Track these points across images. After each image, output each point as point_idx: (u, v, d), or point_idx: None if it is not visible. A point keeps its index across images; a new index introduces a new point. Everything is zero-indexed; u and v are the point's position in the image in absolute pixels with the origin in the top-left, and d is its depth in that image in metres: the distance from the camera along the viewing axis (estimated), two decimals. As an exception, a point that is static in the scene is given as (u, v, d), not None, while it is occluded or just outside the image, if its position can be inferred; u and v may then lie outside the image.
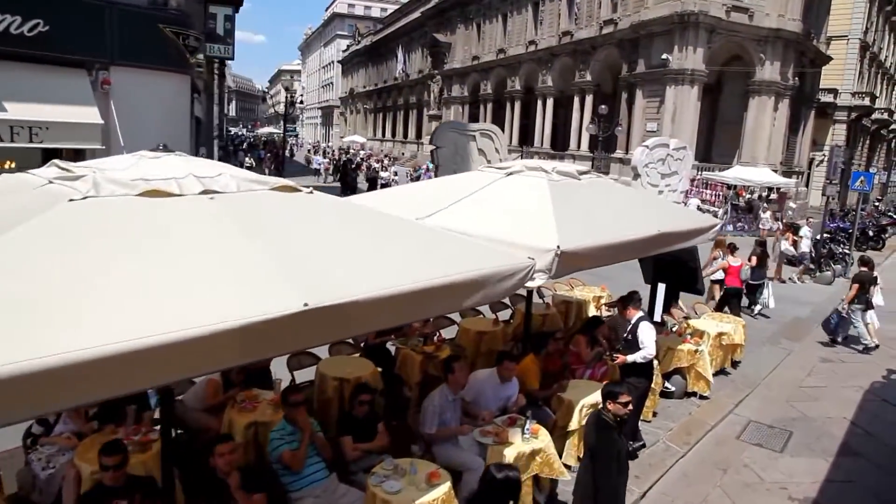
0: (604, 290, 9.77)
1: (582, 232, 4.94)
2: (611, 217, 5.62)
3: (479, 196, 5.72)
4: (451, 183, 6.50)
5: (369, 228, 3.77)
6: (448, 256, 3.76)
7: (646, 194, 7.21)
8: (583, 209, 5.48)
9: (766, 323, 11.03)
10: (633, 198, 6.58)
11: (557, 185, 5.79)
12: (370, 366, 6.36)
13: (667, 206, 6.91)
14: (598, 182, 6.45)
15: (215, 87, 24.73)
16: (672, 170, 17.00)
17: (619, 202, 6.12)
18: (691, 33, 23.76)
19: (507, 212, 5.33)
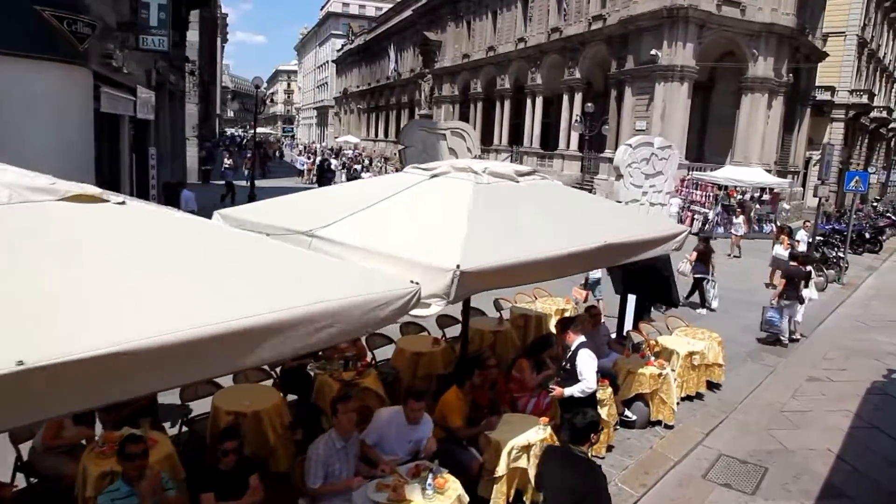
0: (568, 303, 8.92)
1: (499, 246, 4.10)
2: (545, 226, 4.76)
3: (391, 202, 4.88)
4: (368, 187, 5.67)
5: (186, 250, 2.90)
6: (290, 285, 2.92)
7: (600, 199, 6.30)
8: (509, 218, 4.63)
9: (750, 336, 10.15)
10: (581, 203, 5.71)
11: (485, 188, 4.96)
12: (275, 396, 5.52)
13: (624, 212, 6.05)
14: (540, 185, 5.59)
15: (189, 85, 23.90)
16: (657, 170, 16.03)
17: (561, 209, 5.26)
18: (681, 28, 22.89)
19: (415, 222, 4.49)
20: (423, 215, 4.59)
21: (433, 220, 4.49)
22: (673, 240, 5.81)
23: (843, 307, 12.89)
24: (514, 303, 8.91)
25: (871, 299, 13.89)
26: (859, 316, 12.19)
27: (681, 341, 7.41)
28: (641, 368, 6.31)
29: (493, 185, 5.12)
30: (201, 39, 37.32)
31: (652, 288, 8.58)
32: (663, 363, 6.39)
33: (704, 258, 11.37)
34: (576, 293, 9.80)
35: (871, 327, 11.32)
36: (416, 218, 4.55)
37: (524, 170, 5.70)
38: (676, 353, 7.05)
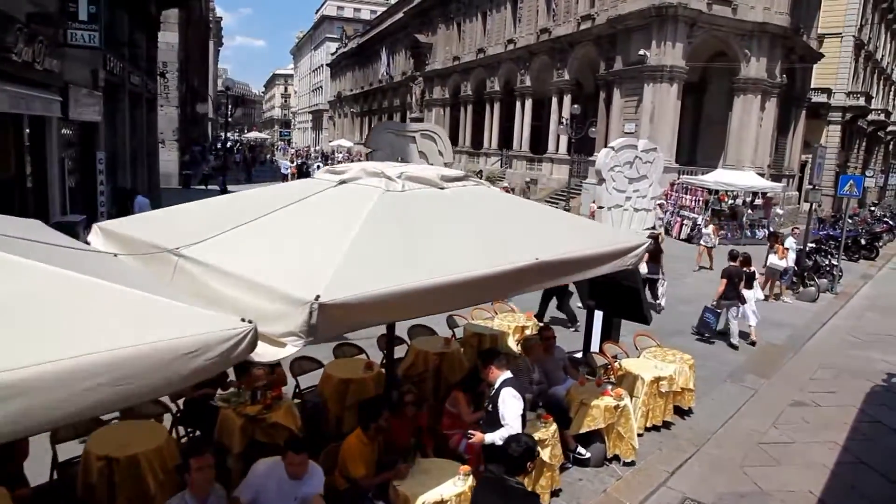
0: (530, 319, 8.15)
1: (388, 270, 3.34)
2: (463, 242, 4.00)
3: (280, 214, 4.13)
4: (267, 195, 4.89)
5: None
6: (47, 331, 2.17)
7: (543, 209, 5.50)
8: (415, 233, 3.88)
9: (733, 354, 9.37)
10: (517, 214, 4.94)
11: (394, 197, 4.23)
12: (160, 435, 4.74)
13: (570, 223, 5.26)
14: (470, 193, 4.83)
15: (160, 87, 23.18)
16: (641, 173, 15.28)
17: (490, 220, 4.50)
18: (670, 27, 22.17)
19: (295, 239, 3.75)
20: (307, 231, 3.84)
21: (316, 236, 3.75)
22: (629, 254, 5.05)
23: (836, 319, 12.11)
24: (472, 319, 8.15)
25: (865, 310, 13.10)
26: (852, 329, 11.41)
27: (648, 365, 6.63)
28: (596, 399, 5.53)
29: (408, 193, 4.38)
30: (185, 41, 36.65)
31: (620, 303, 7.83)
32: (621, 393, 5.61)
33: (655, 258, 11.11)
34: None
35: (864, 342, 10.54)
36: (297, 234, 3.80)
37: (453, 174, 4.95)
38: (641, 379, 6.28)
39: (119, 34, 14.19)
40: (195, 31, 47.16)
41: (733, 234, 20.81)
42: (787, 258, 13.05)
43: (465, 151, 40.13)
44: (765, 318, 11.44)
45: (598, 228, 5.35)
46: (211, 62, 79.10)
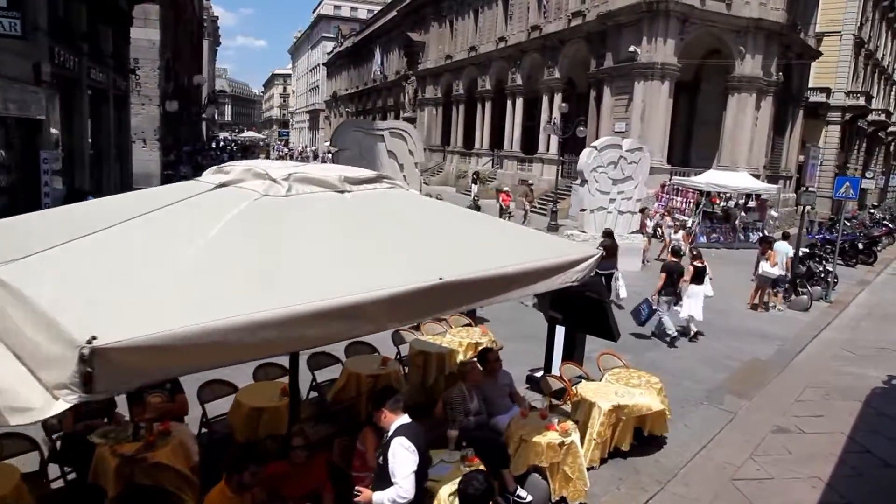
0: (485, 334, 7.41)
1: (214, 299, 2.60)
2: (346, 260, 3.27)
3: (137, 222, 3.40)
4: (134, 200, 4.16)
5: None
6: None
7: (471, 218, 4.70)
8: (280, 250, 3.15)
9: (712, 372, 8.61)
10: (434, 223, 4.18)
11: (269, 204, 3.50)
12: (12, 477, 4.00)
13: (504, 233, 4.49)
14: (379, 198, 4.10)
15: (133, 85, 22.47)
16: (626, 174, 14.60)
17: (395, 231, 3.77)
18: (661, 23, 21.42)
19: (127, 257, 3.02)
20: (147, 246, 3.11)
21: (153, 254, 3.01)
22: (572, 268, 4.29)
23: (829, 330, 11.33)
24: (423, 334, 7.41)
25: (861, 320, 12.33)
26: (846, 342, 10.63)
27: (608, 390, 5.88)
28: (538, 435, 4.79)
29: (293, 199, 3.66)
30: (172, 39, 36.00)
31: (584, 316, 7.08)
32: (567, 428, 4.86)
33: (611, 253, 11.02)
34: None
35: (858, 357, 9.77)
36: (134, 250, 3.08)
37: (361, 175, 4.20)
38: (598, 408, 5.52)
39: (75, 26, 13.49)
40: (186, 29, 46.51)
41: (726, 237, 20.06)
42: (779, 265, 12.31)
43: (456, 151, 39.42)
44: (752, 331, 10.75)
45: (539, 239, 4.60)
46: (206, 61, 78.45)
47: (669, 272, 9.40)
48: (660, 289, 9.39)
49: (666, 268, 9.51)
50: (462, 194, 33.14)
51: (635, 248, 15.11)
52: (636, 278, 14.22)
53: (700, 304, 9.62)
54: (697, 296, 9.62)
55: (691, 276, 9.68)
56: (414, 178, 12.94)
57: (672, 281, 9.37)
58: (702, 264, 9.83)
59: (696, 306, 9.59)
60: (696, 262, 9.85)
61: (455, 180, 36.61)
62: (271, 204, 3.58)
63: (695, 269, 9.68)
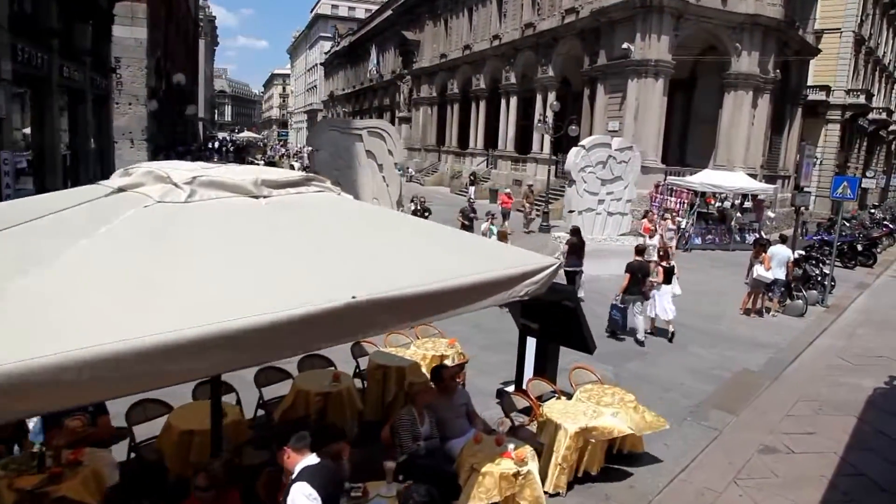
0: (452, 345, 6.93)
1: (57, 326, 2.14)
2: (245, 276, 2.80)
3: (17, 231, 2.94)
4: (28, 204, 3.70)
5: None
6: None
7: (408, 224, 4.20)
8: (158, 266, 2.68)
9: (700, 383, 8.12)
10: (362, 232, 3.69)
11: (162, 212, 3.06)
12: None
13: (445, 243, 3.99)
14: (302, 203, 3.64)
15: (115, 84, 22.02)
16: (615, 174, 14.09)
17: (314, 242, 3.30)
18: (655, 20, 20.91)
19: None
20: (10, 261, 2.64)
21: (13, 270, 2.54)
22: (523, 282, 3.81)
23: (825, 337, 10.83)
24: (386, 345, 6.95)
25: (858, 326, 11.82)
26: (842, 350, 10.14)
27: (577, 410, 5.39)
28: (492, 464, 4.31)
29: (192, 206, 3.19)
30: (164, 38, 35.58)
31: (557, 326, 6.61)
32: (524, 456, 4.38)
33: (577, 250, 11.13)
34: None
35: (854, 367, 9.27)
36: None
37: (283, 178, 3.73)
38: (564, 430, 5.05)
39: (43, 23, 13.03)
40: (180, 28, 46.09)
41: (721, 238, 19.54)
42: (777, 269, 11.78)
43: (451, 151, 38.94)
44: (744, 339, 10.26)
45: (489, 249, 4.12)
46: (202, 61, 78.07)
47: (633, 272, 9.24)
48: (624, 289, 9.24)
49: (630, 267, 9.32)
50: (457, 195, 32.67)
51: (626, 252, 14.61)
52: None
53: (669, 302, 9.48)
54: (665, 295, 9.47)
55: (662, 277, 9.52)
56: (394, 178, 12.46)
57: (637, 280, 9.21)
58: (669, 265, 9.70)
59: (666, 305, 9.44)
60: (664, 263, 9.70)
61: (449, 180, 36.14)
62: (163, 211, 3.12)
63: (663, 270, 9.53)
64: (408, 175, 40.87)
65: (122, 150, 27.37)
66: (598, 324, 9.77)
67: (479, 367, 8.07)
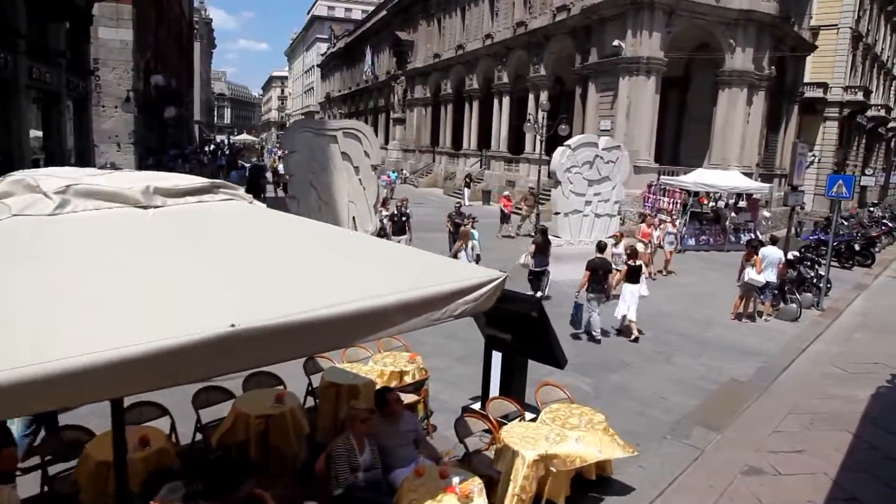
0: (414, 360, 6.47)
1: None
2: (86, 306, 2.35)
3: None
4: None
5: None
6: None
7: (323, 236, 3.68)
8: None
9: (684, 395, 7.64)
10: (264, 247, 3.22)
11: (14, 229, 2.65)
12: None
13: (358, 257, 3.48)
14: (200, 214, 3.18)
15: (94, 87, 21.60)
16: (602, 175, 13.63)
17: (195, 261, 2.84)
18: (646, 16, 20.45)
19: None
20: None
21: None
22: (460, 299, 3.34)
23: (819, 343, 10.35)
24: (343, 360, 6.49)
25: (854, 330, 11.34)
26: (837, 357, 9.66)
27: (539, 434, 4.93)
28: (432, 501, 3.84)
29: (60, 219, 2.74)
30: (153, 40, 35.21)
31: (524, 339, 6.14)
32: (469, 492, 3.91)
33: (543, 250, 11.22)
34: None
35: (849, 375, 8.79)
36: None
37: (181, 187, 3.26)
38: (522, 458, 4.58)
39: (9, 23, 12.62)
40: (172, 30, 45.71)
41: (715, 239, 19.09)
42: (768, 272, 11.34)
43: (445, 152, 38.51)
44: (733, 346, 9.78)
45: (421, 264, 3.64)
46: (197, 64, 77.69)
47: (594, 269, 9.08)
48: (584, 286, 9.10)
49: (590, 265, 9.17)
50: (450, 196, 32.22)
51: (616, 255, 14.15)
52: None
53: (634, 303, 9.37)
54: (632, 295, 9.35)
55: (626, 275, 9.44)
56: (370, 181, 12.01)
57: (598, 278, 9.05)
58: (636, 263, 9.55)
59: (631, 306, 9.36)
60: (631, 262, 9.56)
61: (443, 182, 35.71)
62: (22, 226, 2.66)
63: (629, 268, 9.43)
64: (402, 177, 40.46)
65: (109, 153, 27.00)
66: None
67: (450, 381, 7.64)
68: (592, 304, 9.13)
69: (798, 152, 11.73)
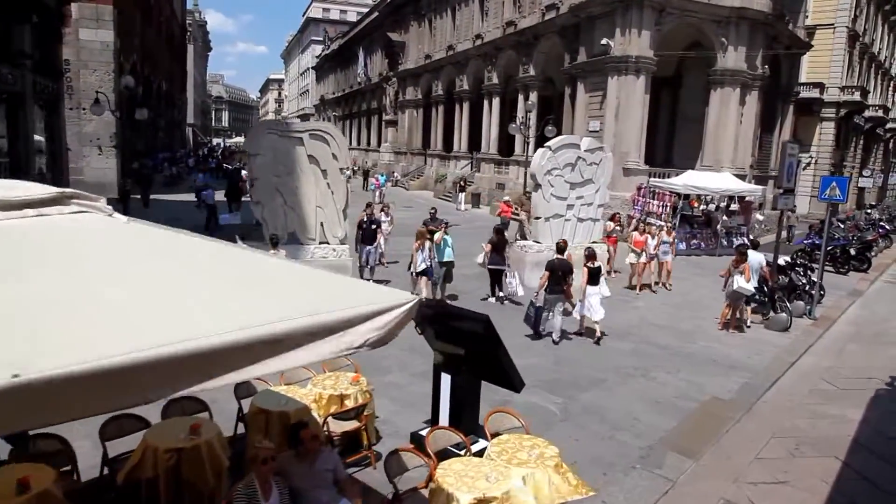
0: (357, 381, 5.88)
1: None
2: None
3: None
4: None
5: None
6: None
7: (188, 256, 3.06)
8: None
9: (661, 416, 7.06)
10: (112, 269, 2.64)
11: None
12: None
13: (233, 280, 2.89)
14: (32, 230, 2.62)
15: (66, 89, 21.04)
16: (585, 177, 13.07)
17: (16, 289, 2.27)
18: (635, 14, 19.90)
19: None
20: None
21: None
22: (360, 327, 2.76)
23: (809, 356, 9.77)
24: (281, 382, 5.91)
25: (848, 341, 10.77)
26: (828, 371, 9.08)
27: (479, 472, 4.34)
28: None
29: None
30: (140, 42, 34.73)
31: (475, 361, 5.57)
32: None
33: (499, 249, 11.26)
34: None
35: (839, 391, 8.22)
36: None
37: (23, 198, 2.69)
38: (456, 502, 4.00)
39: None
40: (163, 32, 45.20)
41: (707, 243, 18.53)
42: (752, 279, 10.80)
43: (436, 155, 37.97)
44: (718, 359, 9.19)
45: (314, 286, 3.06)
46: (191, 66, 77.24)
47: (553, 270, 9.00)
48: (542, 287, 9.04)
49: (549, 265, 9.11)
50: (441, 199, 31.67)
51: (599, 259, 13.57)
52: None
53: (597, 304, 9.30)
54: (593, 297, 9.30)
55: (587, 278, 9.32)
56: (339, 185, 11.43)
57: (557, 279, 8.95)
58: (594, 265, 9.47)
59: (593, 307, 9.28)
60: (589, 263, 9.43)
61: (433, 184, 35.15)
62: None
63: (588, 271, 9.32)
64: (393, 180, 39.89)
65: (91, 156, 26.44)
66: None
67: (408, 400, 7.07)
68: (553, 306, 9.06)
69: (788, 153, 11.14)
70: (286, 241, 11.25)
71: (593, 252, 9.80)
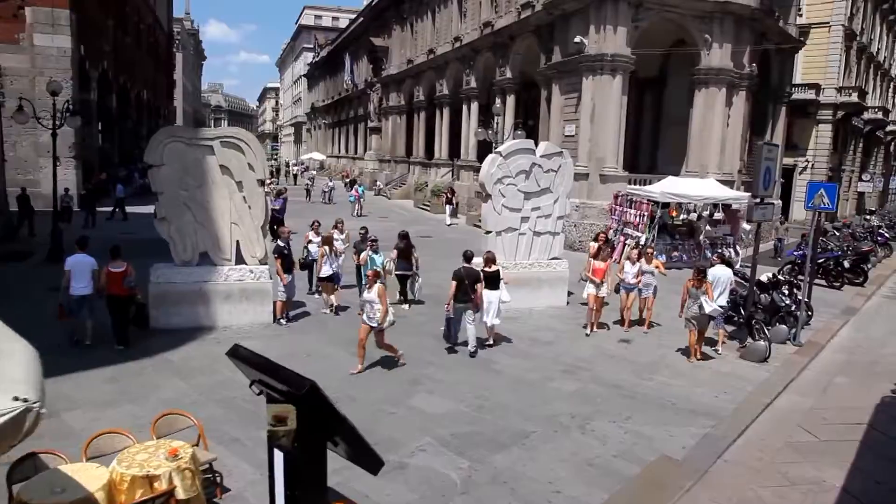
0: (175, 455, 4.50)
1: None
2: None
3: None
4: None
5: None
6: None
7: None
8: None
9: (587, 486, 5.63)
10: None
11: None
12: None
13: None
14: None
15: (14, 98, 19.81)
16: (541, 186, 11.69)
17: None
18: (610, 10, 18.57)
19: None
20: None
21: None
22: None
23: (789, 393, 8.33)
24: (85, 455, 4.56)
25: (836, 373, 9.32)
26: (809, 415, 7.64)
27: None
28: None
29: None
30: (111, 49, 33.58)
31: (312, 431, 4.19)
32: None
33: (405, 255, 11.41)
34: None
35: (819, 444, 6.78)
36: None
37: None
38: None
39: None
40: (141, 39, 44.11)
41: (690, 255, 17.11)
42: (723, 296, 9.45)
43: (419, 162, 36.68)
44: (677, 402, 7.71)
45: None
46: (180, 76, 76.26)
47: (460, 279, 8.83)
48: (452, 297, 8.80)
49: (456, 275, 8.91)
50: (420, 209, 30.32)
51: (559, 278, 12.18)
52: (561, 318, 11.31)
53: (495, 309, 9.17)
54: (493, 302, 9.15)
55: (484, 283, 9.09)
56: (257, 199, 10.10)
57: (465, 288, 8.78)
58: (491, 269, 9.31)
59: (491, 311, 9.15)
60: (486, 268, 9.29)
61: (413, 193, 33.83)
62: None
63: (485, 275, 9.14)
64: (375, 189, 38.61)
65: (47, 167, 25.25)
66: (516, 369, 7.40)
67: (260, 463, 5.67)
68: (466, 316, 8.89)
69: (765, 156, 9.71)
70: (197, 262, 9.95)
71: (493, 256, 9.66)
